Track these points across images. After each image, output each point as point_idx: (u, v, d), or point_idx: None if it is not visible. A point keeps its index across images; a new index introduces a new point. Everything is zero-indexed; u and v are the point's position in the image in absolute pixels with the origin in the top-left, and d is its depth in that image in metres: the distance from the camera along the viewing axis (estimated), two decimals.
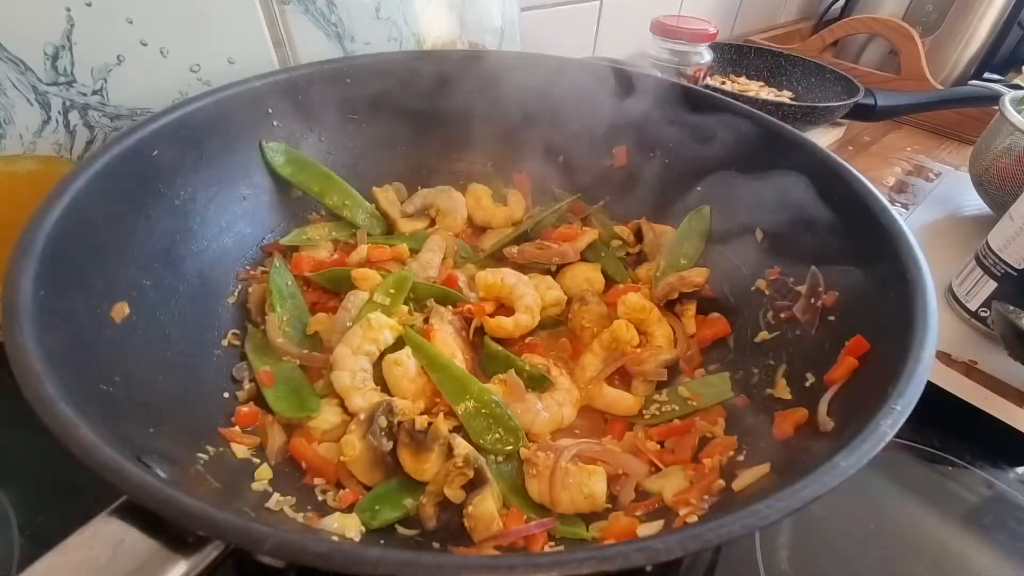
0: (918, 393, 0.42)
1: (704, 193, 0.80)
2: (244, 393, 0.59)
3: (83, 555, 0.32)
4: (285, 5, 0.77)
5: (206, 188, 0.67)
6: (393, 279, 0.68)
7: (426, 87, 0.83)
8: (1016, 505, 0.65)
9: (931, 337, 0.46)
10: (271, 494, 0.50)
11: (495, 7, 1.00)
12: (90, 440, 0.34)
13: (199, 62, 0.73)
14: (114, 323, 0.51)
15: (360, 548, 0.41)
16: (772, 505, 0.35)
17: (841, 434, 0.44)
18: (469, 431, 0.57)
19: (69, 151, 0.68)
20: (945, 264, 0.94)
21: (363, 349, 0.61)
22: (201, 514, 0.32)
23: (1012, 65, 1.71)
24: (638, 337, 0.68)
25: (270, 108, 0.73)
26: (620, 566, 0.31)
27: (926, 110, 1.39)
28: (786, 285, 0.66)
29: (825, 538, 0.60)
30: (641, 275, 0.79)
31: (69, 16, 0.62)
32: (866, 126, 1.48)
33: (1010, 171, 1.00)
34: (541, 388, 0.63)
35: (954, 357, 0.82)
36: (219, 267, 0.68)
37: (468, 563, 0.33)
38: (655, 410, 0.63)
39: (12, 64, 0.61)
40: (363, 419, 0.54)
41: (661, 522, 0.49)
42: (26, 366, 0.38)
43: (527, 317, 0.68)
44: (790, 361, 0.61)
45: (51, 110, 0.65)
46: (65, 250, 0.48)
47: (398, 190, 0.86)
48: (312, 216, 0.80)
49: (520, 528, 0.50)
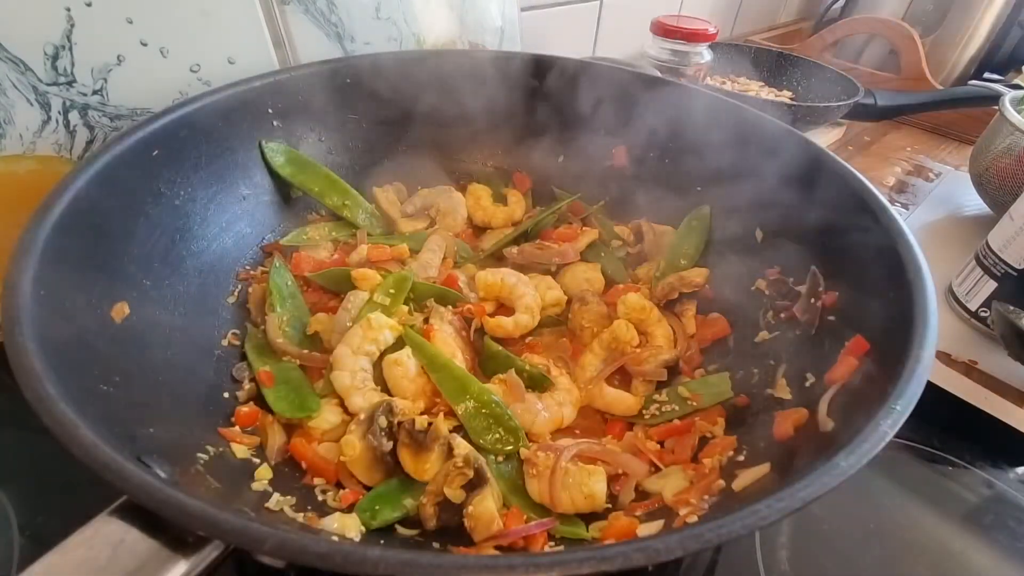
0: (918, 393, 0.42)
1: (704, 193, 0.80)
2: (244, 393, 0.59)
3: (83, 555, 0.32)
4: (285, 5, 0.77)
5: (206, 188, 0.67)
6: (393, 279, 0.68)
7: (426, 87, 0.83)
8: (1016, 505, 0.65)
9: (931, 337, 0.46)
10: (271, 494, 0.50)
11: (495, 7, 1.00)
12: (90, 440, 0.35)
13: (199, 62, 0.73)
14: (114, 323, 0.51)
15: (360, 548, 0.41)
16: (772, 505, 0.35)
17: (841, 434, 0.44)
18: (469, 431, 0.57)
19: (69, 151, 0.68)
20: (945, 264, 0.94)
21: (363, 349, 0.61)
22: (201, 514, 0.32)
23: (1012, 65, 1.71)
24: (638, 337, 0.68)
25: (270, 108, 0.73)
26: (620, 566, 0.31)
27: (926, 110, 1.39)
28: (786, 285, 0.66)
29: (825, 538, 0.60)
30: (641, 275, 0.79)
31: (69, 16, 0.62)
32: (866, 126, 1.48)
33: (1010, 171, 1.00)
34: (541, 388, 0.63)
35: (954, 357, 0.82)
36: (219, 267, 0.68)
37: (468, 563, 0.33)
38: (655, 410, 0.63)
39: (12, 64, 0.61)
40: (363, 419, 0.54)
41: (661, 522, 0.49)
42: (26, 366, 0.38)
43: (527, 317, 0.68)
44: (790, 361, 0.61)
45: (51, 110, 0.65)
46: (65, 250, 0.48)
47: (398, 190, 0.86)
48: (312, 216, 0.80)
49: (520, 528, 0.50)
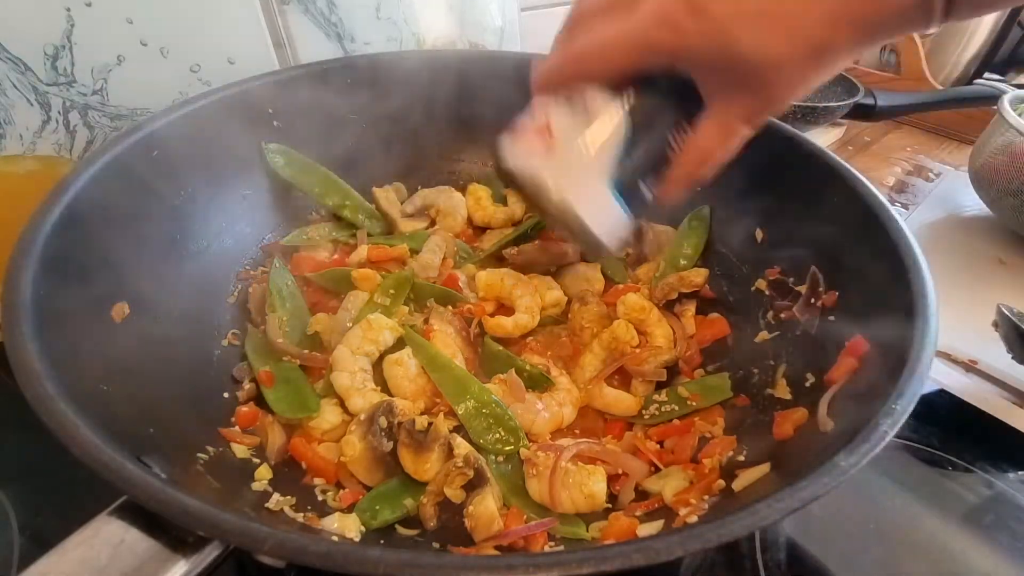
0: (918, 393, 0.42)
1: (704, 193, 0.80)
2: (244, 393, 0.59)
3: (83, 555, 0.32)
4: (285, 5, 0.77)
5: (206, 188, 0.67)
6: (393, 279, 0.68)
7: (425, 87, 0.83)
8: (1016, 505, 0.65)
9: (931, 337, 0.46)
10: (271, 494, 0.50)
11: (495, 7, 1.00)
12: (90, 440, 0.35)
13: (199, 62, 0.73)
14: (114, 323, 0.51)
15: (360, 548, 0.41)
16: (772, 505, 0.35)
17: (841, 434, 0.44)
18: (469, 431, 0.57)
19: (69, 151, 0.68)
20: (945, 264, 0.94)
21: (363, 349, 0.61)
22: (201, 514, 0.32)
23: (1012, 65, 1.71)
24: (638, 337, 0.68)
25: (270, 108, 0.73)
26: (620, 566, 0.31)
27: (926, 110, 1.39)
28: (786, 285, 0.66)
29: (825, 538, 0.60)
30: (641, 275, 0.79)
31: (69, 16, 0.62)
32: (866, 126, 1.48)
33: (1004, 169, 1.00)
34: (541, 388, 0.63)
35: (954, 357, 0.82)
36: (219, 267, 0.68)
37: (468, 563, 0.33)
38: (654, 410, 0.63)
39: (12, 64, 0.61)
40: (363, 419, 0.54)
41: (661, 522, 0.49)
42: (26, 366, 0.38)
43: (527, 317, 0.68)
44: (790, 361, 0.61)
45: (51, 110, 0.65)
46: (65, 250, 0.48)
47: (398, 190, 0.86)
48: (312, 216, 0.80)
49: (520, 528, 0.50)
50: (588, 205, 0.49)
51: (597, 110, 0.47)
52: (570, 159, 0.48)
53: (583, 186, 0.49)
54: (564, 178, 0.48)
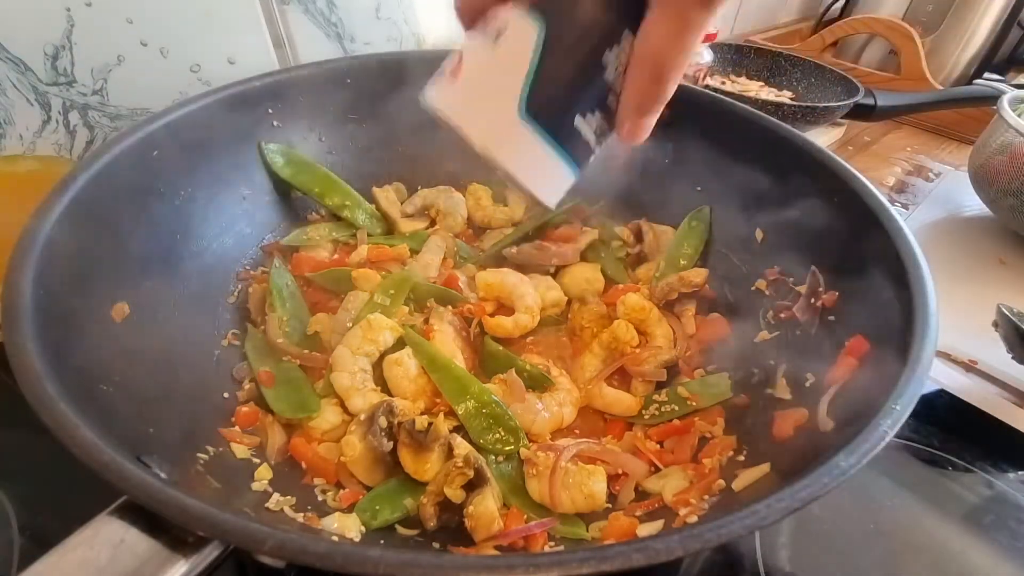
0: (918, 393, 0.42)
1: (704, 193, 0.80)
2: (244, 393, 0.59)
3: (83, 555, 0.32)
4: (285, 5, 0.77)
5: (206, 188, 0.67)
6: (393, 279, 0.68)
7: (426, 87, 0.83)
8: (1016, 505, 0.65)
9: (931, 337, 0.46)
10: (271, 494, 0.50)
11: None
12: (90, 440, 0.35)
13: (199, 62, 0.73)
14: (114, 323, 0.51)
15: (360, 548, 0.41)
16: (772, 505, 0.35)
17: (841, 434, 0.44)
18: (469, 431, 0.57)
19: (69, 151, 0.68)
20: (945, 264, 0.94)
21: (363, 350, 0.61)
22: (201, 514, 0.32)
23: (1012, 65, 1.71)
24: (638, 337, 0.68)
25: (270, 108, 0.73)
26: (620, 566, 0.31)
27: (926, 110, 1.39)
28: (786, 285, 0.67)
29: (825, 538, 0.60)
30: (641, 275, 0.79)
31: (69, 16, 0.62)
32: (866, 126, 1.48)
33: (1003, 169, 1.00)
34: (541, 388, 0.63)
35: (954, 357, 0.82)
36: (219, 267, 0.68)
37: (468, 563, 0.33)
38: (654, 410, 0.63)
39: (12, 64, 0.61)
40: (363, 419, 0.54)
41: (661, 522, 0.49)
42: (26, 366, 0.38)
43: (527, 317, 0.68)
44: (790, 361, 0.61)
45: (51, 110, 0.65)
46: (65, 250, 0.48)
47: (398, 190, 0.86)
48: (312, 216, 0.80)
49: (520, 528, 0.50)
50: (514, 155, 0.40)
51: (507, 35, 0.38)
52: (485, 101, 0.40)
53: (505, 132, 0.39)
54: (483, 124, 0.40)
